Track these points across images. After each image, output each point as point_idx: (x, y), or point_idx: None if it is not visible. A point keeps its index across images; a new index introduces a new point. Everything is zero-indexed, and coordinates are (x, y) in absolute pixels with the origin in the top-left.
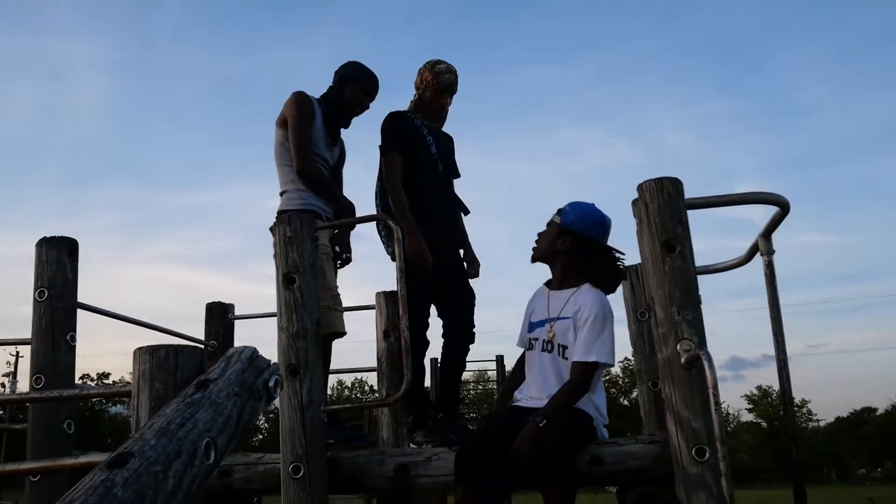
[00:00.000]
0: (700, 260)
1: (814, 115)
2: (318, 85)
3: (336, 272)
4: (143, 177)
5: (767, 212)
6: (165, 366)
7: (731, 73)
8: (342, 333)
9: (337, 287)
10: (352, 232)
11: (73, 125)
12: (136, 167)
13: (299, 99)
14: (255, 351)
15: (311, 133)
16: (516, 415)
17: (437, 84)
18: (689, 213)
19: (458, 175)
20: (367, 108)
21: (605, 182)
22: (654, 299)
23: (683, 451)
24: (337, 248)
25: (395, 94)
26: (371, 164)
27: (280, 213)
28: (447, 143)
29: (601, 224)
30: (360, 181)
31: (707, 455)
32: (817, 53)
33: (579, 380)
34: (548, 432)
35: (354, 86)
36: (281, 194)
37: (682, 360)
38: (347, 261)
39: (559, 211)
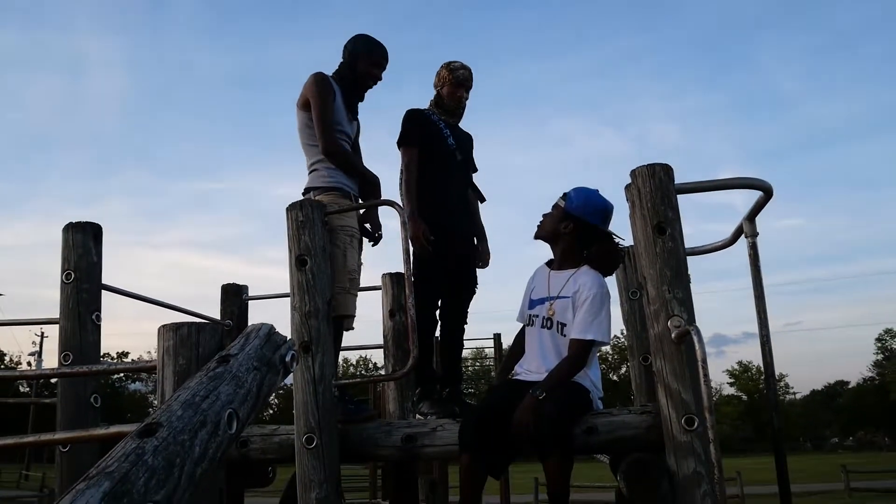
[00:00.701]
0: (687, 243)
1: (793, 107)
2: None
3: (361, 251)
4: (159, 166)
5: (749, 198)
6: (188, 342)
7: (715, 67)
8: (351, 316)
9: (359, 269)
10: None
11: (91, 117)
12: (151, 157)
13: (318, 80)
14: (272, 328)
15: (333, 113)
16: (516, 388)
17: (454, 79)
18: (678, 197)
19: (475, 170)
20: (381, 79)
21: (593, 170)
22: (646, 279)
23: (673, 420)
24: (368, 226)
25: (398, 87)
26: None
27: (307, 189)
28: (465, 138)
29: (604, 211)
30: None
31: (696, 424)
32: (796, 46)
33: (577, 356)
34: (547, 405)
35: (366, 59)
36: (309, 172)
37: (673, 335)
38: (379, 238)
39: (564, 195)
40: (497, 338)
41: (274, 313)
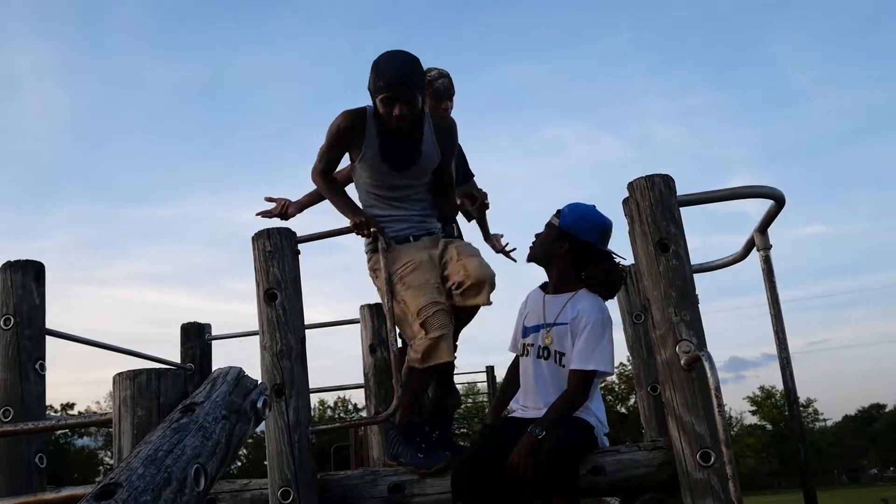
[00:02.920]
0: (695, 258)
1: (807, 103)
2: (289, 89)
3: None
4: (105, 192)
5: (763, 205)
6: (147, 391)
7: (720, 63)
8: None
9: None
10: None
11: (23, 139)
12: (96, 182)
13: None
14: (241, 371)
15: (327, 148)
16: (513, 426)
17: (433, 92)
18: (682, 209)
19: (466, 180)
20: (402, 115)
21: (592, 180)
22: (649, 301)
23: (687, 456)
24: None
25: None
26: None
27: None
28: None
29: (602, 227)
30: None
31: (712, 459)
32: (808, 39)
33: (577, 389)
34: (547, 444)
35: (372, 91)
36: None
37: (682, 361)
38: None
39: (558, 212)
40: (490, 370)
41: (241, 355)
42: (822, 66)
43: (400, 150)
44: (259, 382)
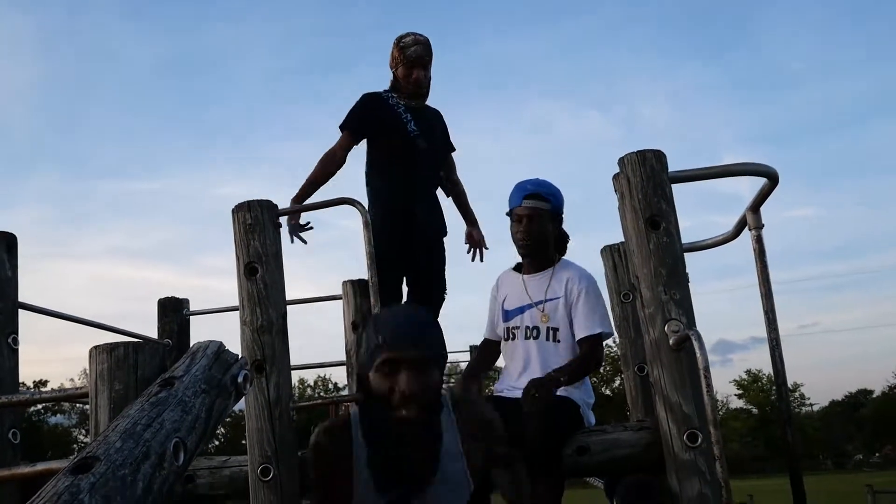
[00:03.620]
0: (686, 237)
1: (800, 84)
2: (266, 62)
3: None
4: (79, 165)
5: (755, 185)
6: (125, 364)
7: (712, 41)
8: None
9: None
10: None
11: None
12: (70, 155)
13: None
14: (221, 345)
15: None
16: (499, 405)
17: (405, 59)
18: (674, 187)
19: (452, 149)
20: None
21: (578, 158)
22: (638, 279)
23: (674, 436)
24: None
25: (351, 73)
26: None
27: None
28: (433, 119)
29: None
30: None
31: (699, 440)
32: (803, 17)
33: (591, 353)
34: (531, 424)
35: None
36: None
37: (671, 341)
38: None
39: (534, 195)
40: (474, 350)
41: (219, 329)
42: (816, 48)
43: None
44: (239, 357)
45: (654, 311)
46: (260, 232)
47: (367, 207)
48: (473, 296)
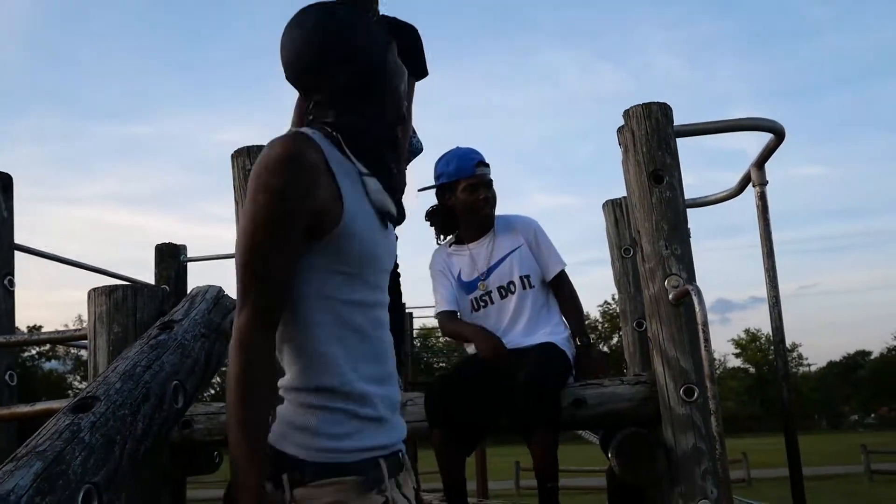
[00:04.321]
0: (689, 193)
1: (813, 38)
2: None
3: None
4: (74, 106)
5: (761, 142)
6: (124, 307)
7: None
8: None
9: None
10: None
11: None
12: (65, 95)
13: None
14: (220, 290)
15: None
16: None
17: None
18: (679, 142)
19: (423, 74)
20: None
21: (586, 110)
22: (640, 233)
23: (671, 391)
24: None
25: None
26: None
27: None
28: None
29: None
30: None
31: (696, 395)
32: None
33: (572, 286)
34: (525, 375)
35: None
36: None
37: (670, 296)
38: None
39: (484, 163)
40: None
41: (217, 277)
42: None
43: None
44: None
45: (655, 265)
46: None
47: None
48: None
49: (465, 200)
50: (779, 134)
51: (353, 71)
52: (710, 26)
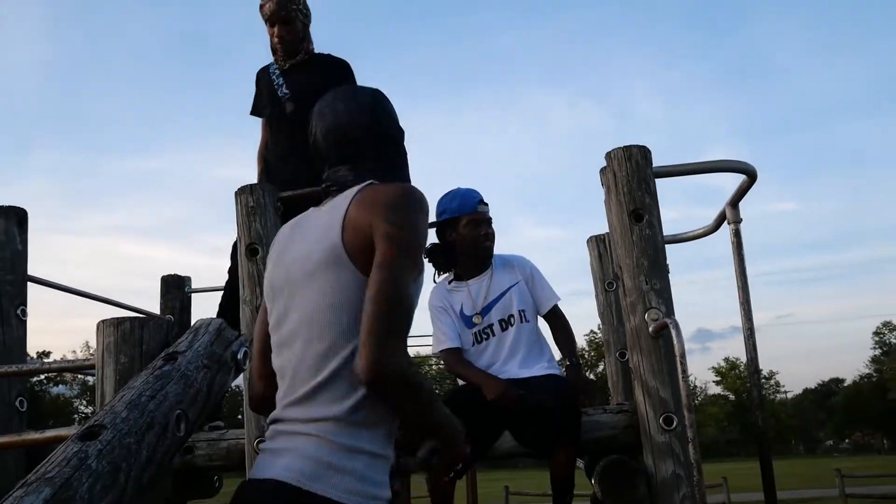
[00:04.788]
0: (670, 229)
1: (786, 80)
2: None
3: None
4: (87, 142)
5: (738, 179)
6: (131, 338)
7: (703, 37)
8: None
9: None
10: None
11: (8, 85)
12: (78, 132)
13: None
14: (222, 323)
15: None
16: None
17: (262, 17)
18: (660, 182)
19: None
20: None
21: (571, 148)
22: (621, 269)
23: (651, 419)
24: None
25: (354, 57)
26: None
27: None
28: (317, 74)
29: None
30: None
31: (675, 423)
32: (792, 16)
33: (565, 318)
34: (547, 401)
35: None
36: None
37: (650, 329)
38: None
39: (482, 201)
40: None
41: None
42: (803, 45)
43: None
44: (240, 334)
45: (636, 299)
46: (261, 214)
47: None
48: None
49: (468, 235)
50: (751, 175)
51: (394, 143)
52: (686, 70)
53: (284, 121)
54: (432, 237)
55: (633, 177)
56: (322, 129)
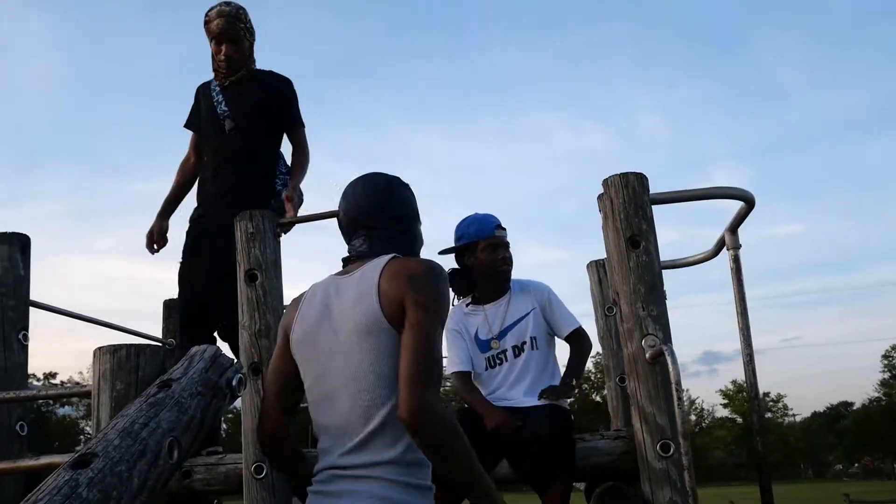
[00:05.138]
0: (672, 250)
1: (793, 100)
2: (278, 65)
3: None
4: (93, 163)
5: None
6: (126, 365)
7: (707, 57)
8: None
9: None
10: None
11: (14, 108)
12: (84, 153)
13: None
14: (217, 349)
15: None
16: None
17: (208, 34)
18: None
19: (289, 123)
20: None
21: (573, 168)
22: (619, 295)
23: (648, 446)
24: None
25: (357, 76)
26: None
27: None
28: (257, 92)
29: None
30: None
31: (672, 450)
32: (794, 35)
33: (585, 341)
34: (543, 431)
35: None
36: None
37: (647, 355)
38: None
39: (500, 226)
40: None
41: None
42: (806, 64)
43: None
44: (234, 361)
45: (633, 326)
46: (260, 240)
47: None
48: None
49: (485, 260)
50: (749, 202)
51: (404, 223)
52: (690, 90)
53: (223, 137)
54: (451, 262)
55: (629, 203)
56: (344, 208)
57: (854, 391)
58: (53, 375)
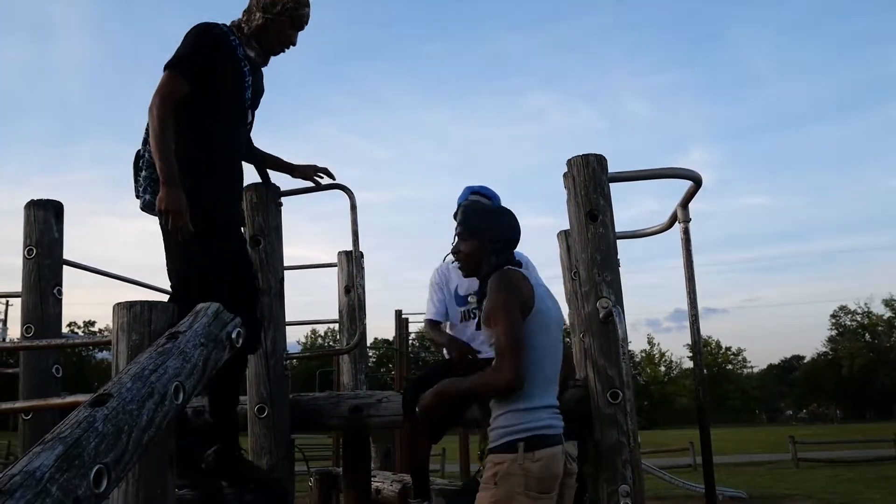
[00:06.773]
0: (646, 218)
1: (760, 87)
2: (306, 48)
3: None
4: (128, 133)
5: (719, 173)
6: (141, 319)
7: (687, 45)
8: None
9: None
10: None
11: (57, 83)
12: (120, 123)
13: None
14: (219, 307)
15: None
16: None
17: (294, 15)
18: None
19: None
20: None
21: (566, 146)
22: (578, 262)
23: (600, 394)
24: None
25: (367, 61)
26: None
27: None
28: (261, 91)
29: None
30: None
31: (619, 398)
32: (766, 28)
33: None
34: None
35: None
36: None
37: (601, 315)
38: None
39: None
40: (398, 315)
41: None
42: (777, 56)
43: None
44: (235, 317)
45: (589, 290)
46: (263, 209)
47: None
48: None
49: None
50: (697, 181)
51: (494, 241)
52: (671, 75)
53: (242, 128)
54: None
55: (589, 182)
56: (459, 217)
57: (805, 346)
58: (93, 323)
